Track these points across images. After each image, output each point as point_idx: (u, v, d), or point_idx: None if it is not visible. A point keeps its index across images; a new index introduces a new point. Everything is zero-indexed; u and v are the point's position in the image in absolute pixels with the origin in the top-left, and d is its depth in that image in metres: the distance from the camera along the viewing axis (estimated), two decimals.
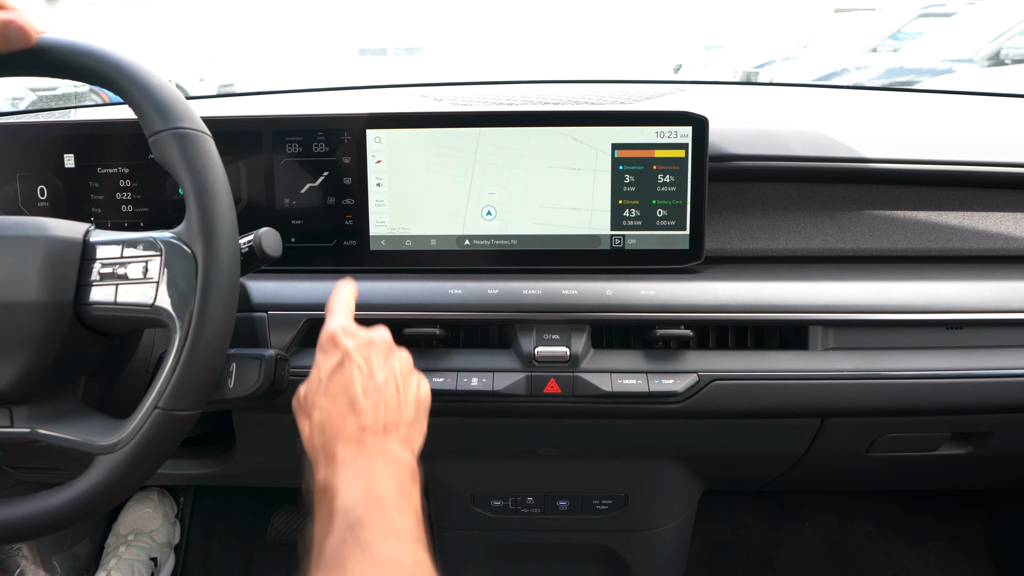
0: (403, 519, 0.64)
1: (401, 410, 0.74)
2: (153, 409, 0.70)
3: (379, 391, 0.73)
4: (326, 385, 0.74)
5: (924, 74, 6.20)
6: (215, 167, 0.73)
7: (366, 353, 0.76)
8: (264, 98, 1.51)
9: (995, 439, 1.09)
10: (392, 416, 0.73)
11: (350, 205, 1.02)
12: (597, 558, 1.32)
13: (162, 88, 0.73)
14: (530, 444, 1.12)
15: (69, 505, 0.72)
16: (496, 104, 1.23)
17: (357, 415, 0.71)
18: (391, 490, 0.66)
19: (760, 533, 1.77)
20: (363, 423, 0.71)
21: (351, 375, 0.74)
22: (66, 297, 0.74)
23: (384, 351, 0.78)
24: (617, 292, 0.96)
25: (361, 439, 0.70)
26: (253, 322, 0.96)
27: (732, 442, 1.09)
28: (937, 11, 7.81)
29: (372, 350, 0.77)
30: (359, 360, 0.75)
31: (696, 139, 0.98)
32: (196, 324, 0.70)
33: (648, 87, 1.41)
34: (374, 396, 0.73)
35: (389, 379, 0.75)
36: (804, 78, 6.94)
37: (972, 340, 0.99)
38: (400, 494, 0.66)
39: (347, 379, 0.74)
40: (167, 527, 1.69)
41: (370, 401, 0.72)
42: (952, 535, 1.74)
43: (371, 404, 0.72)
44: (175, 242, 0.73)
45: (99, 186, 1.04)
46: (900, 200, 1.08)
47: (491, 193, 1.00)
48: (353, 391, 0.73)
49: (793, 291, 0.97)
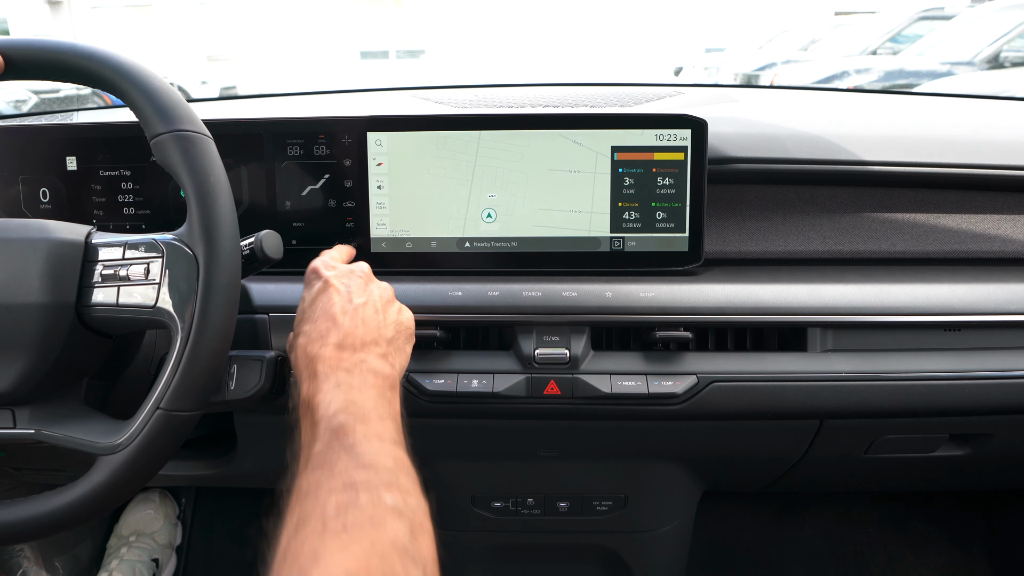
0: (383, 424, 0.68)
1: (380, 329, 0.77)
2: (155, 410, 0.70)
3: (357, 311, 0.77)
4: (308, 312, 0.78)
5: (924, 77, 6.21)
6: (216, 169, 0.73)
7: (346, 281, 0.80)
8: (265, 101, 1.52)
9: (993, 440, 1.09)
10: (370, 333, 0.76)
11: (351, 207, 1.02)
12: (597, 559, 1.32)
13: (163, 91, 0.73)
14: (530, 445, 1.13)
15: (71, 506, 0.72)
16: (496, 107, 1.23)
17: (336, 332, 0.74)
18: (370, 398, 0.69)
19: (760, 534, 1.77)
20: (341, 340, 0.74)
21: (331, 299, 0.78)
22: (68, 299, 0.74)
23: (364, 280, 0.82)
24: (617, 294, 0.96)
25: (340, 355, 0.73)
26: (254, 324, 0.96)
27: (731, 443, 1.10)
28: (936, 14, 7.83)
29: (351, 278, 0.81)
30: (338, 285, 0.79)
31: (695, 142, 0.99)
32: (197, 325, 0.70)
33: (648, 90, 1.41)
34: (352, 315, 0.76)
35: (368, 302, 0.79)
36: (804, 81, 6.96)
37: (970, 342, 1.00)
38: (379, 401, 0.70)
39: (327, 303, 0.77)
40: (169, 528, 1.69)
41: (347, 319, 0.76)
42: (951, 536, 1.74)
43: (349, 321, 0.75)
44: (176, 244, 0.73)
45: (101, 188, 1.05)
46: (899, 202, 1.09)
47: (491, 196, 1.01)
48: (332, 312, 0.76)
49: (792, 293, 0.98)
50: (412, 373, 0.95)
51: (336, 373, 0.71)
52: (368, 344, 0.75)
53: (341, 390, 0.69)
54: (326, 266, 0.83)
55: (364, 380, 0.71)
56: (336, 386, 0.69)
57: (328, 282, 0.80)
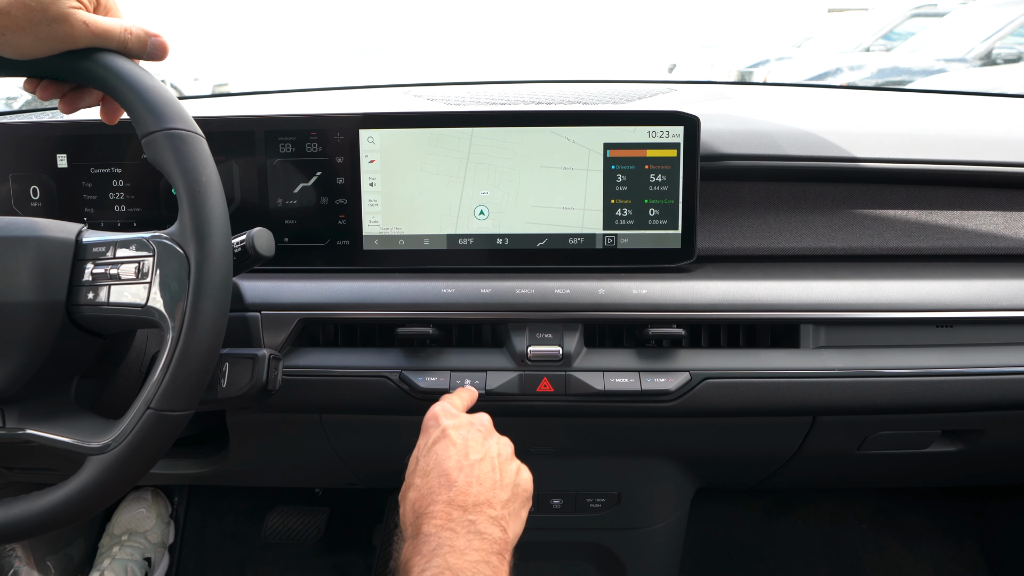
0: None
1: (495, 490, 0.73)
2: (145, 409, 0.70)
3: (472, 468, 0.73)
4: (422, 462, 0.75)
5: (917, 74, 6.23)
6: (207, 167, 0.73)
7: (464, 433, 0.77)
8: (258, 98, 1.51)
9: (985, 436, 1.10)
10: (484, 494, 0.72)
11: (343, 205, 1.02)
12: (591, 556, 1.32)
13: (154, 89, 0.73)
14: (523, 443, 1.12)
15: (60, 506, 0.72)
16: (489, 104, 1.23)
17: (448, 489, 0.71)
18: (470, 563, 0.65)
19: (753, 531, 1.77)
20: (452, 498, 0.70)
21: (446, 452, 0.74)
22: (58, 297, 0.74)
23: (484, 434, 0.78)
24: (609, 291, 0.96)
25: (449, 513, 0.69)
26: (246, 322, 0.96)
27: (724, 440, 1.10)
28: (929, 11, 7.85)
29: (471, 430, 0.78)
30: (455, 438, 0.76)
31: (688, 139, 0.99)
32: (188, 324, 0.70)
33: (641, 87, 1.41)
34: (467, 472, 0.73)
35: (486, 458, 0.75)
36: (798, 78, 6.96)
37: (962, 338, 1.00)
38: (481, 567, 0.65)
39: (442, 456, 0.74)
40: (161, 527, 1.69)
41: (462, 476, 0.72)
42: (944, 532, 1.75)
43: (463, 478, 0.72)
44: (167, 242, 0.73)
45: (92, 186, 1.04)
46: (891, 199, 1.09)
47: (484, 193, 1.01)
48: (446, 466, 0.73)
49: (785, 290, 0.98)
50: (405, 371, 0.95)
51: (440, 533, 0.67)
52: (481, 505, 0.70)
53: (440, 554, 0.65)
54: (446, 414, 0.80)
55: (470, 543, 0.66)
56: (436, 548, 0.65)
57: (446, 432, 0.77)
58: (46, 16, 0.67)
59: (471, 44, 14.42)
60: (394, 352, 0.97)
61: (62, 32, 0.68)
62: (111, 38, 0.71)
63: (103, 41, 0.71)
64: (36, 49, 0.69)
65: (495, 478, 0.74)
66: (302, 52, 12.56)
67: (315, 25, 15.64)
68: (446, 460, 0.73)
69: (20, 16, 0.66)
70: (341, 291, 0.98)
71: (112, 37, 0.71)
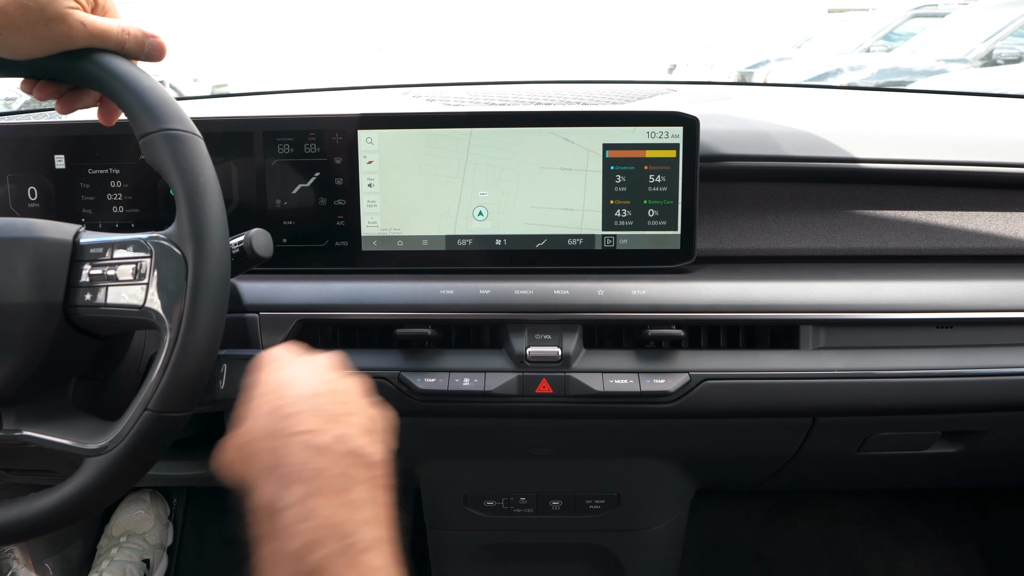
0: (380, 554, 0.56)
1: (357, 399, 0.67)
2: (143, 411, 0.70)
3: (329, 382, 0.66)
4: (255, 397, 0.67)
5: (917, 74, 6.24)
6: (205, 168, 0.73)
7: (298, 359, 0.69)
8: (256, 99, 1.51)
9: (986, 438, 1.09)
10: (350, 404, 0.65)
11: (341, 206, 1.02)
12: (590, 558, 1.32)
13: (152, 89, 0.72)
14: (522, 444, 1.12)
15: (57, 508, 0.71)
16: (488, 104, 1.23)
17: (302, 402, 0.63)
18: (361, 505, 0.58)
19: (753, 532, 1.77)
20: (314, 408, 0.63)
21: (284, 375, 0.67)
22: (55, 298, 0.74)
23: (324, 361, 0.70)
24: (609, 292, 0.96)
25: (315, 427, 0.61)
26: (244, 323, 0.96)
27: (724, 441, 1.10)
28: (930, 12, 7.86)
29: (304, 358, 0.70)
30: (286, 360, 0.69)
31: (687, 139, 0.98)
32: (186, 325, 0.70)
33: (640, 87, 1.41)
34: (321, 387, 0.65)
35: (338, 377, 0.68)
36: (798, 78, 6.97)
37: (962, 339, 1.00)
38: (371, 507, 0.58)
39: (280, 379, 0.66)
40: (160, 529, 1.68)
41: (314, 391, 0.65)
42: (945, 534, 1.75)
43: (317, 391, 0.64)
44: (165, 243, 0.73)
45: (90, 187, 1.04)
46: (891, 200, 1.09)
47: (482, 193, 1.00)
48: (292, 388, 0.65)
49: (784, 291, 0.98)
50: (404, 372, 0.95)
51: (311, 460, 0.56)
52: (349, 415, 0.62)
53: (319, 498, 0.54)
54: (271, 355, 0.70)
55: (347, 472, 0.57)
56: (311, 492, 0.54)
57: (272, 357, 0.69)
58: (43, 16, 0.67)
59: (471, 44, 14.43)
60: (392, 353, 0.97)
61: (59, 32, 0.68)
62: (109, 38, 0.71)
63: (101, 41, 0.71)
64: (33, 49, 0.69)
65: (352, 390, 0.67)
66: (302, 52, 12.57)
67: (315, 25, 15.65)
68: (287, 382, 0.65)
69: (17, 16, 0.66)
70: (339, 292, 0.97)
71: (110, 37, 0.71)
